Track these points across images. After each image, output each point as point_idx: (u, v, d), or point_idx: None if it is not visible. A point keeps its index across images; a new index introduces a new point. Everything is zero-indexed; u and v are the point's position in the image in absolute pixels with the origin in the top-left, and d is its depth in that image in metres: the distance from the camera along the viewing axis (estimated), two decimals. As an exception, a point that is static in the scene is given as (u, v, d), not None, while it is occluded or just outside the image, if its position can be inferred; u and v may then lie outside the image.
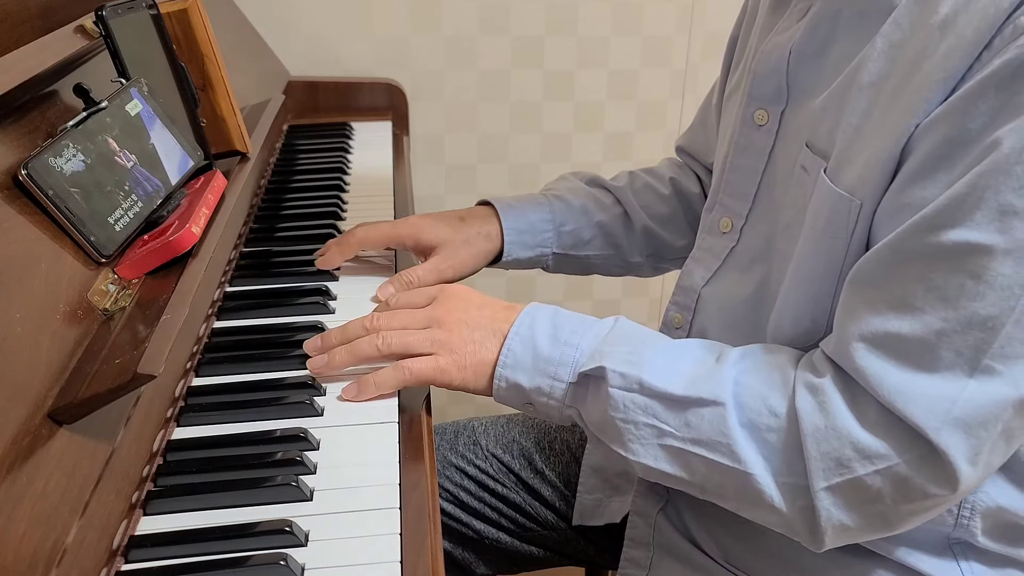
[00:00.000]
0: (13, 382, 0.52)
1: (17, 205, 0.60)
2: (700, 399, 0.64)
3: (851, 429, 0.60)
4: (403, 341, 0.72)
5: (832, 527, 0.61)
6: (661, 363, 0.67)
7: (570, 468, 0.99)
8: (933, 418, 0.57)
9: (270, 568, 0.55)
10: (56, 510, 0.50)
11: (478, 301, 0.76)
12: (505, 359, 0.71)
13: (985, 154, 0.55)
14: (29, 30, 0.73)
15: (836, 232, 0.64)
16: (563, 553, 1.01)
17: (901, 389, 0.58)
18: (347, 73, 1.55)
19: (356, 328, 0.75)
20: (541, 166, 1.69)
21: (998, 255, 0.55)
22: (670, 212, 1.03)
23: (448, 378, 0.72)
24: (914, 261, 0.58)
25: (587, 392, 0.69)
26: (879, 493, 0.59)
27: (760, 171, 0.76)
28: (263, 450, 0.65)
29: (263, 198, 1.13)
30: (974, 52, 0.56)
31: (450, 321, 0.73)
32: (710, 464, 0.64)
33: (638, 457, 0.67)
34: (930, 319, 0.57)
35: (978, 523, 0.68)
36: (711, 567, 0.78)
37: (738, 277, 0.78)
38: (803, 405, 0.61)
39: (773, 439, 0.62)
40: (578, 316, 0.73)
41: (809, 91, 0.70)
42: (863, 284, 0.61)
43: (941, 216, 0.56)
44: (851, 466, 0.59)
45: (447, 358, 0.72)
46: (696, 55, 1.66)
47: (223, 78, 0.90)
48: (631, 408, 0.66)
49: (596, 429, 0.70)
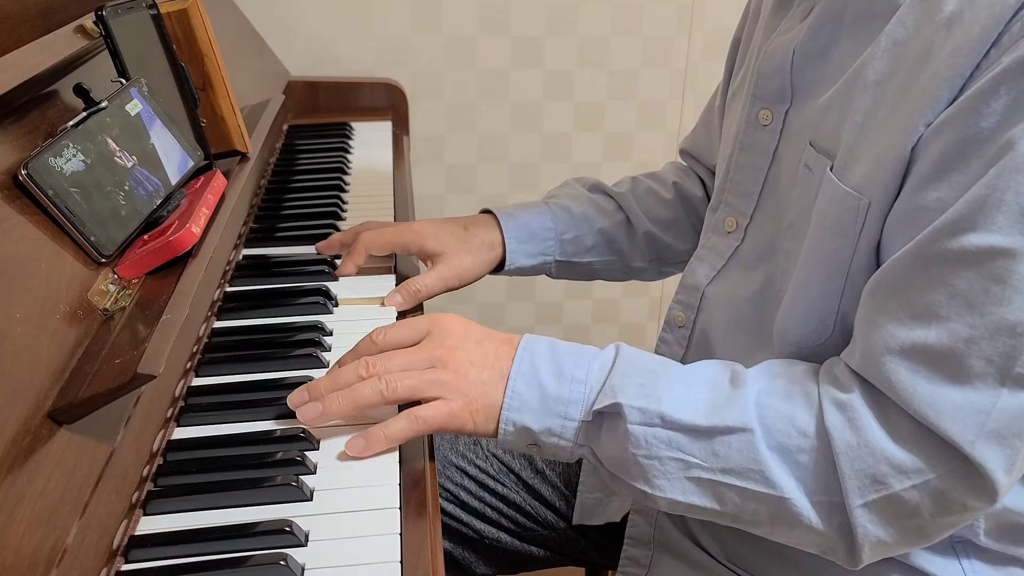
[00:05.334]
0: (13, 382, 0.52)
1: (17, 205, 0.60)
2: (727, 427, 0.62)
3: (884, 445, 0.58)
4: (407, 385, 0.66)
5: (870, 543, 0.60)
6: (678, 393, 0.65)
7: (570, 468, 0.99)
8: (968, 432, 0.55)
9: (270, 568, 0.55)
10: (56, 510, 0.50)
11: (476, 336, 0.70)
12: (511, 401, 0.66)
13: (1001, 154, 0.54)
14: (29, 30, 0.73)
15: (844, 231, 0.63)
16: (563, 553, 1.01)
17: (932, 402, 0.56)
18: (347, 73, 1.55)
19: (350, 374, 0.67)
20: (541, 166, 1.69)
21: (1022, 258, 0.54)
22: (673, 216, 1.03)
23: (460, 423, 0.67)
24: (936, 268, 0.57)
25: (601, 430, 0.66)
26: (917, 508, 0.58)
27: (764, 170, 0.76)
28: (263, 450, 0.65)
29: (263, 198, 1.13)
30: (982, 49, 0.55)
31: (454, 362, 0.68)
32: (743, 492, 0.62)
33: (665, 493, 0.64)
34: (956, 327, 0.56)
35: (981, 523, 0.67)
36: (712, 565, 0.78)
37: (742, 276, 0.78)
38: (833, 423, 0.60)
39: (805, 459, 0.61)
40: (577, 347, 0.70)
41: (813, 91, 0.71)
42: (884, 294, 0.60)
43: (961, 221, 0.55)
44: (887, 482, 0.58)
45: (458, 402, 0.67)
46: (696, 55, 1.66)
47: (223, 78, 0.90)
48: (654, 444, 0.63)
49: (614, 467, 0.66)
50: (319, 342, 0.78)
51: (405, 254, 0.96)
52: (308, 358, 0.76)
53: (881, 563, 0.70)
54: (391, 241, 0.93)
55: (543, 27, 1.58)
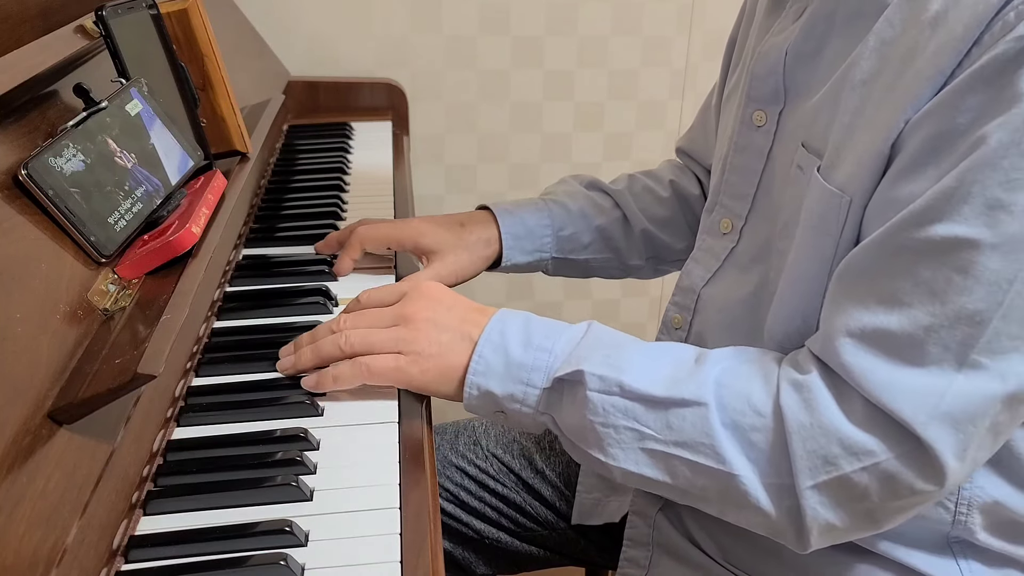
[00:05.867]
0: (13, 382, 0.52)
1: (17, 205, 0.60)
2: (682, 400, 0.63)
3: (838, 425, 0.59)
4: (366, 340, 0.71)
5: (818, 526, 0.61)
6: (641, 365, 0.66)
7: (570, 468, 0.99)
8: (921, 412, 0.56)
9: (270, 568, 0.55)
10: (56, 510, 0.50)
11: (448, 301, 0.74)
12: (476, 366, 0.69)
13: (973, 149, 0.55)
14: (29, 30, 0.73)
15: (827, 229, 0.64)
16: (563, 553, 1.01)
17: (888, 384, 0.57)
18: (347, 73, 1.55)
19: (324, 329, 0.74)
20: (541, 166, 1.69)
21: (985, 249, 0.55)
22: (670, 215, 1.03)
23: (407, 378, 0.70)
24: (902, 256, 0.58)
25: (562, 397, 0.68)
26: (866, 490, 0.59)
27: (759, 172, 0.76)
28: (263, 450, 0.65)
29: (263, 198, 1.13)
30: (963, 48, 0.56)
31: (417, 320, 0.72)
32: (693, 466, 0.63)
33: (618, 462, 0.66)
34: (918, 314, 0.57)
35: (976, 519, 0.67)
36: (710, 566, 0.78)
37: (738, 277, 0.78)
38: (788, 402, 0.61)
39: (758, 439, 0.62)
40: (551, 322, 0.72)
41: (805, 91, 0.71)
42: (850, 279, 0.61)
43: (929, 211, 0.56)
44: (838, 463, 0.59)
45: (408, 358, 0.70)
46: (696, 55, 1.66)
47: (223, 78, 0.90)
48: (611, 412, 0.65)
49: (573, 435, 0.68)
50: (319, 342, 0.78)
51: (401, 250, 0.96)
52: (308, 358, 0.76)
53: (876, 563, 0.70)
54: (387, 236, 0.93)
55: (543, 27, 1.58)
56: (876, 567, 0.70)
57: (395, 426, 0.69)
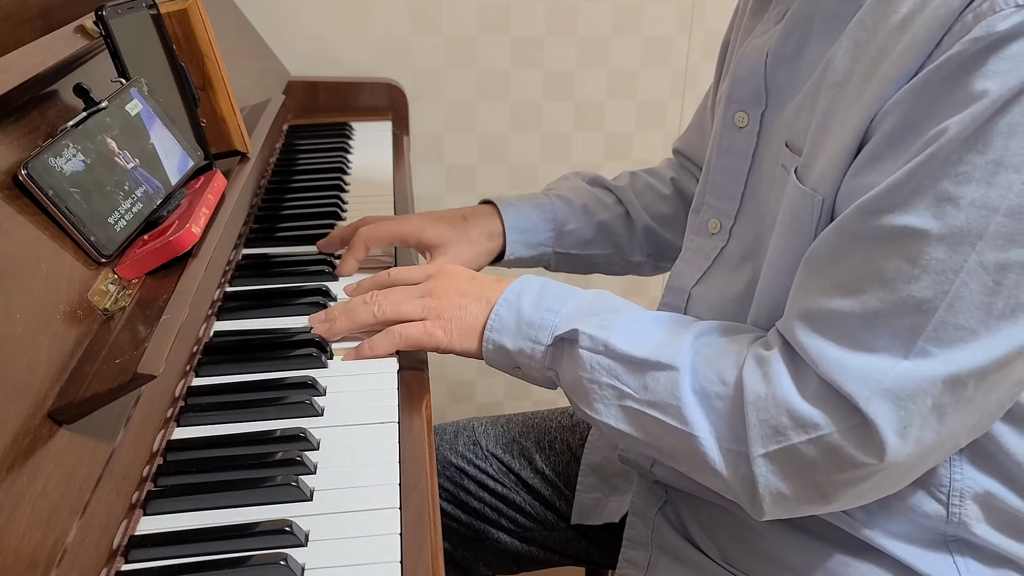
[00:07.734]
0: (13, 382, 0.52)
1: (17, 205, 0.60)
2: (658, 363, 0.67)
3: (790, 399, 0.62)
4: (397, 308, 0.77)
5: (770, 494, 0.63)
6: (629, 329, 0.70)
7: (570, 468, 0.99)
8: (864, 388, 0.58)
9: (270, 568, 0.55)
10: (56, 510, 0.50)
11: (469, 275, 0.80)
12: (492, 323, 0.75)
13: (928, 144, 0.56)
14: (29, 30, 0.73)
15: (802, 227, 0.66)
16: (563, 553, 1.01)
17: (838, 363, 0.60)
18: (347, 73, 1.55)
19: (357, 301, 0.80)
20: (541, 166, 1.69)
21: (933, 240, 0.56)
22: (671, 212, 1.04)
23: (436, 341, 0.76)
24: (858, 243, 0.60)
25: (563, 355, 0.73)
26: (812, 462, 0.61)
27: (745, 172, 0.77)
28: (263, 450, 0.65)
29: (263, 198, 1.13)
30: (926, 51, 0.57)
31: (440, 289, 0.78)
32: (662, 426, 0.67)
33: (600, 416, 0.70)
34: (869, 300, 0.59)
35: (971, 511, 0.68)
36: (709, 567, 0.78)
37: (728, 276, 0.78)
38: (749, 375, 0.64)
39: (720, 406, 0.65)
40: (566, 286, 0.76)
41: (787, 93, 0.72)
42: (813, 264, 0.63)
43: (884, 200, 0.58)
44: (787, 434, 0.61)
45: (435, 323, 0.76)
46: (696, 55, 1.66)
47: (223, 78, 0.90)
48: (596, 369, 0.69)
49: (568, 389, 0.73)
50: (319, 342, 0.78)
51: (404, 246, 0.96)
52: (308, 358, 0.76)
53: (874, 562, 0.70)
54: (390, 233, 0.94)
55: (543, 27, 1.58)
56: (874, 566, 0.70)
57: (395, 426, 0.69)
